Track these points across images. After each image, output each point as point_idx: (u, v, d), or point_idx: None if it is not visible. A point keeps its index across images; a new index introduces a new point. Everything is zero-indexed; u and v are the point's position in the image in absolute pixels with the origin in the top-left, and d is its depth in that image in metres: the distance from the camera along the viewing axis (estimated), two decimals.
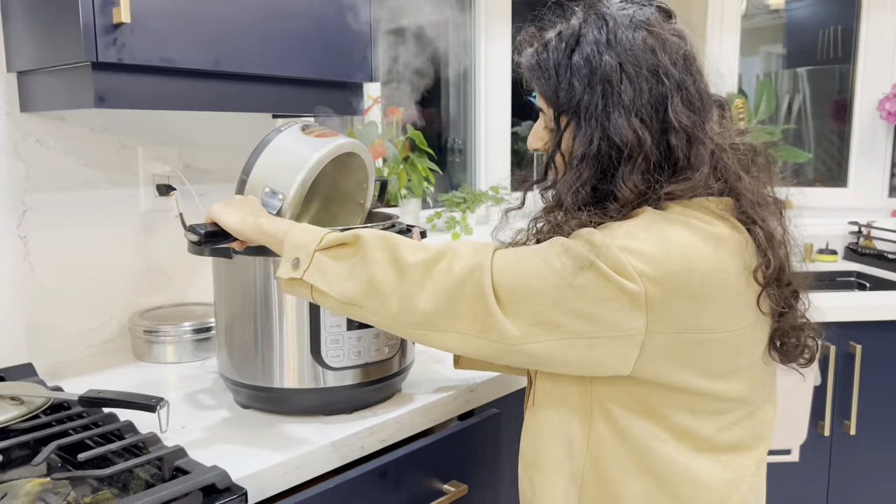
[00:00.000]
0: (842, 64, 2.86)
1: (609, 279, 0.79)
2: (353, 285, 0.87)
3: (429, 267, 0.85)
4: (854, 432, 1.93)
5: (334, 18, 1.36)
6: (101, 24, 1.06)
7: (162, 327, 1.40)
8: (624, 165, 0.84)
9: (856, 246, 2.48)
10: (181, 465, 0.92)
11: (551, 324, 0.81)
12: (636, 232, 0.81)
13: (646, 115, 0.83)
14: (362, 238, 0.89)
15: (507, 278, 0.83)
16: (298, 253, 0.90)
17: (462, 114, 2.72)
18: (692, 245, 0.81)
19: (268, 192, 1.11)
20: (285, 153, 1.13)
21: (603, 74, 0.84)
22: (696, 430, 0.87)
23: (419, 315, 0.85)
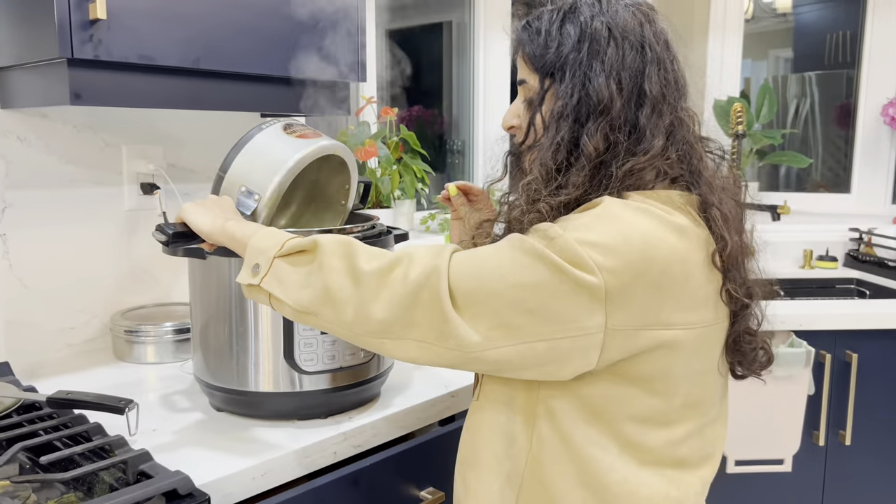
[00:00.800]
0: (849, 69, 2.83)
1: (565, 273, 0.77)
2: (309, 293, 0.85)
3: (384, 274, 0.82)
4: (849, 442, 1.90)
5: (322, 16, 1.34)
6: (77, 20, 1.05)
7: (143, 327, 1.39)
8: (592, 122, 0.85)
9: (856, 253, 2.44)
10: (145, 469, 0.91)
11: (510, 327, 0.79)
12: (593, 223, 0.80)
13: (623, 81, 0.86)
14: (320, 245, 0.87)
15: (464, 281, 0.80)
16: (259, 258, 0.88)
17: (463, 115, 2.70)
18: (651, 231, 0.79)
19: (244, 191, 1.09)
20: (264, 152, 1.11)
21: (591, 35, 0.87)
22: (641, 441, 0.85)
23: (374, 324, 0.82)
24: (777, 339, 1.84)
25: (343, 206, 1.27)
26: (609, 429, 0.84)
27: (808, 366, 1.77)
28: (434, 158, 2.30)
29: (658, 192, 0.85)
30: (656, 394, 0.84)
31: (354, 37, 1.41)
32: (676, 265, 0.79)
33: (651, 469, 0.86)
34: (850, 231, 2.48)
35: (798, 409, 1.80)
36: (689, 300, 0.81)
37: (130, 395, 1.17)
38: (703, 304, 0.83)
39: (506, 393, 0.89)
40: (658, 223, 0.80)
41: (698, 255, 0.82)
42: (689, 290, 0.81)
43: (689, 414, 0.87)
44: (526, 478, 0.88)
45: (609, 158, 0.85)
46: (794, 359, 1.75)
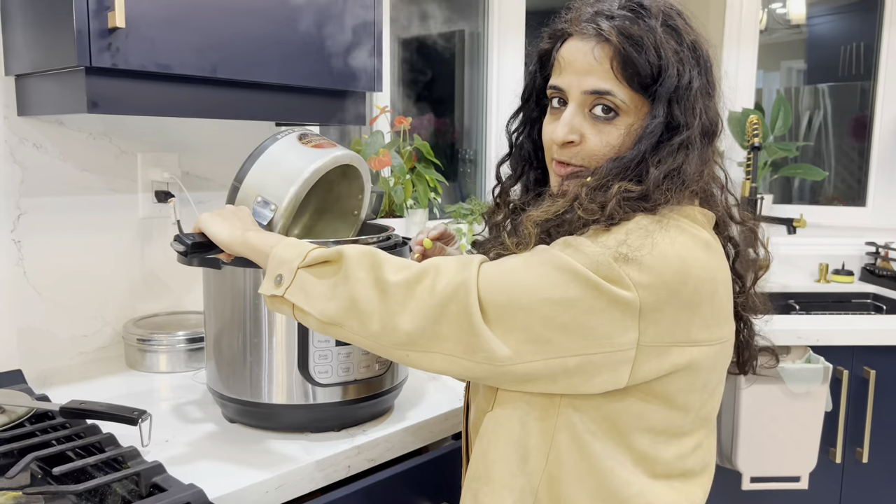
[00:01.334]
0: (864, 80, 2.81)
1: (601, 290, 0.76)
2: (335, 304, 0.84)
3: (411, 286, 0.81)
4: (866, 460, 1.87)
5: (337, 26, 1.34)
6: (96, 28, 1.04)
7: (155, 336, 1.38)
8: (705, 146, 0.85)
9: (873, 267, 2.42)
10: (158, 482, 0.90)
11: (541, 340, 0.78)
12: (629, 240, 0.79)
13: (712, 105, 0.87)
14: (346, 255, 0.86)
15: (494, 295, 0.79)
16: (282, 269, 0.87)
17: (475, 124, 2.70)
18: (687, 247, 0.80)
19: (260, 201, 1.08)
20: (280, 162, 1.11)
21: (705, 62, 0.86)
22: (655, 455, 0.85)
23: (401, 335, 0.81)
24: (794, 355, 1.82)
25: (356, 215, 1.26)
26: (624, 441, 0.84)
27: (826, 382, 1.75)
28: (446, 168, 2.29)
29: (683, 208, 0.85)
30: (675, 408, 0.84)
31: (371, 47, 1.41)
32: (707, 283, 0.80)
33: (662, 481, 0.86)
34: (867, 245, 2.45)
35: (815, 426, 1.77)
36: (713, 317, 0.82)
37: (142, 404, 1.16)
38: (725, 320, 0.85)
39: (522, 406, 0.87)
40: (691, 240, 0.81)
41: (723, 272, 0.84)
42: (715, 307, 0.82)
43: (700, 426, 0.89)
44: (540, 495, 0.86)
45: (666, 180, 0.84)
46: (812, 375, 1.73)
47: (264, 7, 1.23)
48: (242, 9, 1.20)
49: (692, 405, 0.85)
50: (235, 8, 1.19)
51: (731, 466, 1.81)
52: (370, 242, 1.11)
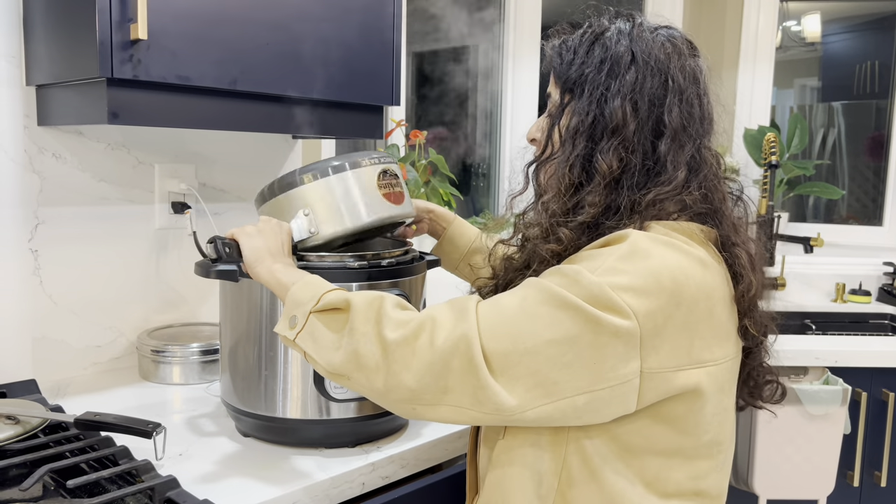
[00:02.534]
0: (879, 99, 2.80)
1: (600, 323, 0.76)
2: (340, 356, 0.84)
3: (409, 343, 0.81)
4: (885, 483, 1.84)
5: (356, 40, 1.34)
6: (118, 40, 1.05)
7: (169, 347, 1.38)
8: (605, 141, 0.86)
9: (891, 287, 2.39)
10: (172, 497, 0.89)
11: (548, 383, 0.77)
12: (622, 265, 0.79)
13: (640, 106, 0.86)
14: (352, 306, 0.86)
15: (499, 345, 0.78)
16: (297, 311, 0.88)
17: (488, 138, 2.70)
18: (679, 267, 0.79)
19: (307, 214, 1.06)
20: (348, 192, 1.07)
21: (614, 57, 0.88)
22: (667, 476, 0.85)
23: (406, 392, 0.81)
24: (811, 376, 1.80)
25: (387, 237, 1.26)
26: (635, 463, 0.84)
27: (845, 404, 1.72)
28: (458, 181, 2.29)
29: (679, 224, 0.85)
30: (685, 431, 0.84)
31: (389, 61, 1.41)
32: (702, 301, 0.80)
33: (675, 501, 0.86)
34: (884, 265, 2.43)
35: (833, 449, 1.75)
36: (714, 336, 0.82)
37: (156, 416, 1.15)
38: (725, 338, 0.85)
39: (532, 434, 0.87)
40: (685, 257, 0.81)
41: (720, 290, 0.84)
42: (714, 326, 0.82)
43: (715, 451, 0.88)
44: None
45: (625, 181, 0.86)
46: (830, 396, 1.70)
47: (284, 21, 1.23)
48: (263, 22, 1.20)
49: (703, 427, 0.85)
50: (256, 21, 1.20)
51: (748, 489, 1.79)
52: (389, 258, 1.10)
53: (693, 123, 0.88)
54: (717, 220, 0.88)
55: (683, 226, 0.85)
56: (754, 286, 0.87)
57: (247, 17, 1.18)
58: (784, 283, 2.38)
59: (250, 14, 1.19)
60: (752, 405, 0.98)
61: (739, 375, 0.93)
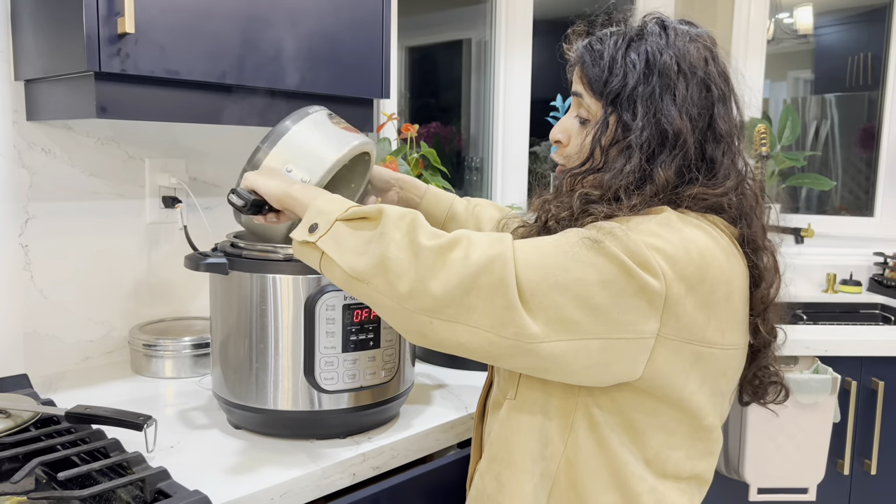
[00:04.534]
0: (871, 91, 2.80)
1: (633, 274, 0.78)
2: (365, 260, 0.83)
3: (444, 252, 0.80)
4: (875, 472, 1.86)
5: (346, 33, 1.34)
6: (106, 33, 1.05)
7: (161, 341, 1.38)
8: (666, 154, 0.86)
9: (881, 277, 2.40)
10: (163, 488, 0.89)
11: (570, 321, 0.78)
12: (658, 230, 0.81)
13: (694, 117, 0.87)
14: (385, 214, 0.85)
15: (531, 273, 0.79)
16: (319, 218, 0.87)
17: (482, 132, 2.70)
18: (708, 248, 0.82)
19: (289, 170, 1.05)
20: (316, 137, 1.08)
21: (661, 68, 0.87)
22: (667, 455, 0.88)
23: (429, 301, 0.79)
24: (801, 365, 1.81)
25: (353, 188, 1.24)
26: (639, 438, 0.87)
27: (834, 393, 1.74)
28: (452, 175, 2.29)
29: (706, 216, 0.87)
30: (688, 411, 0.86)
31: (378, 54, 1.41)
32: (723, 285, 0.82)
33: (671, 482, 0.89)
34: (875, 255, 2.44)
35: (823, 437, 1.76)
36: (728, 321, 0.84)
37: (147, 409, 1.16)
38: (738, 327, 0.87)
39: (543, 397, 0.89)
40: (711, 241, 0.83)
41: (739, 280, 0.86)
42: (730, 312, 0.84)
43: (714, 435, 0.91)
44: (558, 479, 0.89)
45: (679, 188, 0.86)
46: (820, 385, 1.72)
47: (273, 14, 1.23)
48: (251, 16, 1.21)
49: (704, 409, 0.87)
50: (244, 15, 1.20)
51: (739, 477, 1.80)
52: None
53: (735, 127, 0.90)
54: (747, 222, 0.89)
55: (711, 217, 0.87)
56: (775, 289, 0.89)
57: (235, 11, 1.18)
58: None
59: (239, 7, 1.19)
60: (755, 402, 1.00)
61: (746, 374, 0.95)
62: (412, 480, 1.10)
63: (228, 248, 1.11)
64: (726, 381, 0.89)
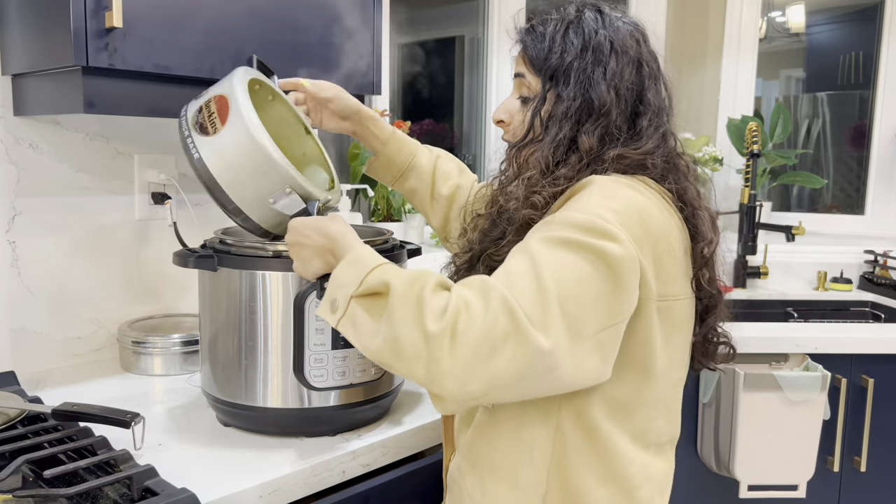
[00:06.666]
0: (863, 89, 2.81)
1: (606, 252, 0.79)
2: (379, 343, 0.81)
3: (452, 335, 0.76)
4: (864, 469, 1.86)
5: (337, 29, 1.34)
6: (93, 28, 1.04)
7: (150, 339, 1.37)
8: (591, 123, 0.91)
9: (871, 275, 2.41)
10: (150, 486, 0.89)
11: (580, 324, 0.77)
12: (600, 201, 0.83)
13: (621, 91, 0.92)
14: (392, 290, 0.81)
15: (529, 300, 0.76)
16: (338, 294, 0.86)
17: (474, 129, 2.69)
18: (643, 204, 0.85)
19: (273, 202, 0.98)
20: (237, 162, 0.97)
21: (595, 46, 0.93)
22: (652, 425, 0.91)
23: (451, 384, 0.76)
24: (792, 363, 1.81)
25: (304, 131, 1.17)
26: (628, 419, 0.89)
27: (824, 390, 1.74)
28: None
29: (634, 176, 0.90)
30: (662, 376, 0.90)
31: (370, 49, 1.40)
32: (664, 239, 0.86)
33: (653, 451, 0.93)
34: (865, 253, 2.45)
35: (813, 435, 1.76)
36: (675, 272, 0.88)
37: (136, 407, 1.15)
38: (683, 277, 0.90)
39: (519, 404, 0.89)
40: (644, 199, 0.86)
41: (676, 234, 0.89)
42: (675, 263, 0.88)
43: (678, 393, 0.96)
44: (550, 484, 0.89)
45: (602, 153, 0.91)
46: (810, 383, 1.72)
47: (263, 9, 1.22)
48: (241, 11, 1.20)
49: (673, 367, 0.92)
50: (234, 10, 1.19)
51: (729, 474, 1.81)
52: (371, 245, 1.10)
53: (664, 105, 0.96)
54: (675, 180, 0.93)
55: (638, 177, 0.90)
56: (714, 243, 0.93)
57: (225, 5, 1.17)
58: (766, 271, 2.40)
59: (228, 2, 1.18)
60: (706, 367, 1.03)
61: (696, 338, 0.97)
62: (402, 478, 1.09)
63: (217, 244, 1.11)
64: (683, 334, 0.92)
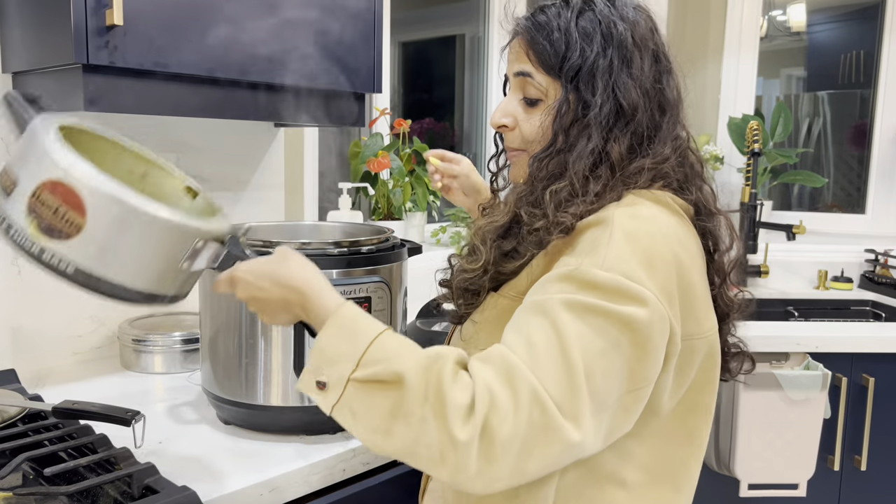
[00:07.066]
0: (863, 89, 2.81)
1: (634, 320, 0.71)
2: (392, 444, 0.70)
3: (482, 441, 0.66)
4: (865, 468, 1.86)
5: (337, 27, 1.34)
6: (93, 25, 1.04)
7: (150, 337, 1.37)
8: (619, 129, 0.83)
9: (872, 274, 2.41)
10: (151, 484, 0.89)
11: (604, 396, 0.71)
12: (622, 251, 0.74)
13: (647, 87, 0.84)
14: (406, 384, 0.69)
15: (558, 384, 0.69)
16: (327, 371, 0.73)
17: (475, 128, 2.69)
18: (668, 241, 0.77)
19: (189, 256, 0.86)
20: (126, 248, 0.80)
21: (616, 41, 0.83)
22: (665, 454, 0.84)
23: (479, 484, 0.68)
24: (792, 362, 1.81)
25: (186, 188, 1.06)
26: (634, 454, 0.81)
27: (825, 389, 1.74)
28: None
29: (654, 193, 0.83)
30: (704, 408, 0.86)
31: (370, 47, 1.40)
32: (693, 272, 0.79)
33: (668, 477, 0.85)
34: (866, 252, 2.45)
35: (813, 433, 1.76)
36: (701, 304, 0.81)
37: (137, 405, 1.15)
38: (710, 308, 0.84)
39: None
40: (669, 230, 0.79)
41: (698, 261, 0.82)
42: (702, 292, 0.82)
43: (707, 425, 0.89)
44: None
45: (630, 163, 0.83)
46: (811, 381, 1.72)
47: (264, 7, 1.22)
48: (242, 9, 1.20)
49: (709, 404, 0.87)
50: (235, 8, 1.19)
51: (729, 473, 1.81)
52: (369, 245, 1.10)
53: (678, 97, 0.88)
54: (697, 187, 0.87)
55: (658, 195, 0.83)
56: (735, 252, 0.86)
57: (226, 4, 1.17)
58: (767, 270, 2.40)
59: (229, 0, 1.18)
60: (722, 379, 0.94)
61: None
62: (402, 476, 1.09)
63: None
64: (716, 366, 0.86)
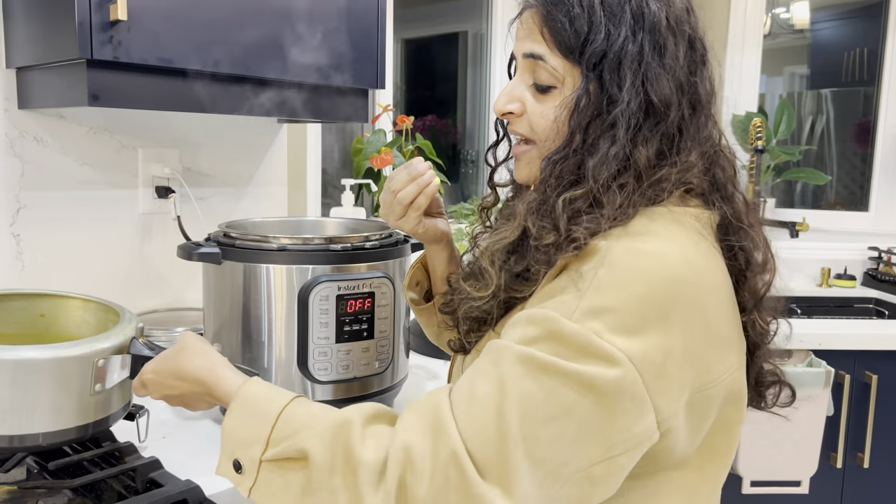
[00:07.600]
0: (867, 86, 2.81)
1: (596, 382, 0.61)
2: None
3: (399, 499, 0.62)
4: (867, 465, 1.86)
5: (341, 22, 1.33)
6: (98, 20, 1.04)
7: (154, 332, 1.37)
8: (647, 129, 0.70)
9: (875, 272, 2.41)
10: (155, 478, 0.89)
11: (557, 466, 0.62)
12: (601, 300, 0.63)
13: (682, 80, 0.71)
14: (311, 459, 0.66)
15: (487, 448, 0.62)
16: (239, 454, 0.71)
17: (477, 125, 2.69)
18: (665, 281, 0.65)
19: (96, 377, 0.89)
20: (30, 398, 0.84)
21: (651, 23, 0.70)
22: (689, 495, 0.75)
23: None
24: (795, 359, 1.81)
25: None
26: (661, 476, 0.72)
27: (828, 386, 1.74)
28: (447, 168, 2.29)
29: (673, 211, 0.71)
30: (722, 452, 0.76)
31: (374, 43, 1.40)
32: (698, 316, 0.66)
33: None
34: (869, 250, 2.45)
35: (816, 431, 1.76)
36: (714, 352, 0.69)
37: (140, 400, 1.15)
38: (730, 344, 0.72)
39: None
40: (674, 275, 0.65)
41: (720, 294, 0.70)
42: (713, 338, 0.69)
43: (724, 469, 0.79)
44: None
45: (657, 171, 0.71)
46: (814, 379, 1.72)
47: (267, 3, 1.22)
48: (246, 5, 1.20)
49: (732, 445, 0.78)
50: (239, 4, 1.19)
51: (732, 470, 1.81)
52: (372, 241, 1.10)
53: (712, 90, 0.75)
54: (728, 196, 0.75)
55: (678, 214, 0.71)
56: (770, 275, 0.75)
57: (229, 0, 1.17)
58: None
59: None
60: (758, 408, 0.86)
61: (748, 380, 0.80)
62: None
63: (221, 237, 1.11)
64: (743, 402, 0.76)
